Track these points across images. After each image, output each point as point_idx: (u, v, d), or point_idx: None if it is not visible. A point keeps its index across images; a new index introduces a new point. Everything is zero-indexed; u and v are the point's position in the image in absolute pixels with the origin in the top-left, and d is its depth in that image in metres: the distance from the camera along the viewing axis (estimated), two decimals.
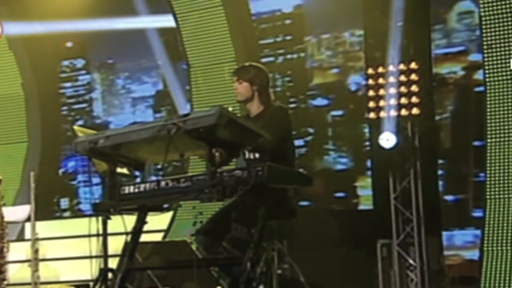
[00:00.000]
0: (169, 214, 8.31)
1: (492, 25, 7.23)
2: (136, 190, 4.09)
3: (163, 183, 3.99)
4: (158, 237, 8.03)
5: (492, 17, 7.18)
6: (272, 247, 4.47)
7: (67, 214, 10.49)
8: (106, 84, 10.64)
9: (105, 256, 4.36)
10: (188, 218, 8.24)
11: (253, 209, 3.93)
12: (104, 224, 4.32)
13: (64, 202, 10.51)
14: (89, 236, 4.26)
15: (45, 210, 10.33)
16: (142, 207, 4.13)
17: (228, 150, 3.76)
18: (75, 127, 4.70)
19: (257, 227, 3.81)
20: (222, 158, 4.40)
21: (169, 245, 6.22)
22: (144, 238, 4.33)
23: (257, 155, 4.13)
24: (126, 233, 4.19)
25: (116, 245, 4.64)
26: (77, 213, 10.23)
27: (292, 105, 9.14)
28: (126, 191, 4.14)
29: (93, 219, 4.30)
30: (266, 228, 3.90)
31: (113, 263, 4.50)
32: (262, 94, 4.68)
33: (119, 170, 4.29)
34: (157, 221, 4.61)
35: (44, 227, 8.65)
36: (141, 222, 4.22)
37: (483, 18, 7.27)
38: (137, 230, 4.24)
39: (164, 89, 9.87)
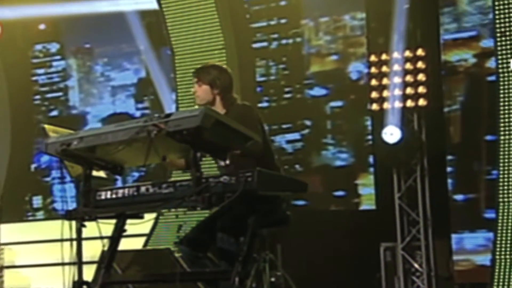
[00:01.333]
0: (152, 215, 8.31)
1: (506, 8, 7.23)
2: (114, 196, 4.10)
3: (143, 189, 3.99)
4: (139, 243, 8.01)
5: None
6: (263, 257, 4.50)
7: (40, 213, 10.46)
8: (83, 71, 10.58)
9: (79, 267, 4.35)
10: (173, 221, 8.24)
11: (241, 217, 3.94)
12: (79, 233, 4.31)
13: (37, 201, 10.49)
14: (62, 240, 4.25)
15: (16, 210, 10.34)
16: (120, 215, 4.14)
17: (215, 153, 3.80)
18: (46, 126, 4.69)
19: (246, 238, 3.84)
20: (187, 163, 4.38)
21: (151, 253, 6.22)
22: (123, 244, 4.32)
23: (227, 161, 4.11)
24: (102, 238, 4.19)
25: (92, 251, 4.63)
26: (51, 213, 10.21)
27: (288, 95, 9.14)
28: (103, 197, 4.15)
29: (66, 223, 4.27)
30: (256, 238, 3.92)
31: (89, 272, 4.51)
32: (225, 98, 4.68)
33: (95, 173, 4.31)
34: (138, 225, 4.60)
35: (14, 230, 8.67)
36: (119, 230, 4.21)
37: (496, 1, 7.25)
38: (115, 239, 4.23)
39: (147, 76, 9.86)
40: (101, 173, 4.43)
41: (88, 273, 4.62)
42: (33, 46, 10.79)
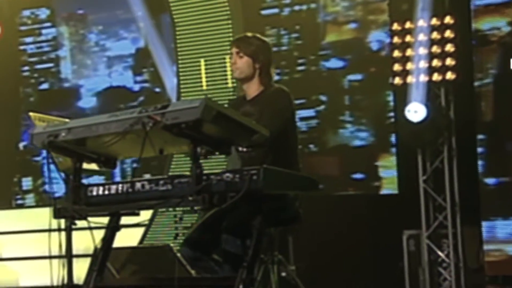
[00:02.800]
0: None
1: None
2: (106, 193, 4.11)
3: (138, 185, 3.99)
4: (135, 238, 7.97)
5: None
6: (271, 259, 4.49)
7: (30, 196, 10.47)
8: (75, 39, 10.51)
9: (69, 269, 4.35)
10: (172, 211, 8.23)
11: (247, 217, 3.94)
12: (68, 233, 4.29)
13: (27, 182, 10.49)
14: (50, 231, 4.25)
15: (4, 192, 10.35)
16: (113, 214, 4.16)
17: (216, 147, 3.76)
18: (31, 114, 4.69)
19: (252, 241, 3.81)
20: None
21: (148, 251, 6.22)
22: (117, 238, 4.33)
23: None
24: (92, 229, 4.18)
25: (86, 242, 4.61)
26: (42, 196, 10.22)
27: (301, 68, 9.08)
28: (94, 193, 4.17)
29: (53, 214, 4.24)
30: (263, 239, 3.91)
31: (82, 266, 4.48)
32: (264, 74, 4.67)
33: (87, 166, 4.32)
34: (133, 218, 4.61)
35: (1, 217, 8.68)
36: (111, 229, 4.23)
37: None
38: (108, 239, 4.25)
39: (147, 46, 9.81)
40: (93, 166, 4.40)
41: (81, 267, 4.66)
42: (20, 11, 10.70)
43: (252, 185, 3.60)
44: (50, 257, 4.35)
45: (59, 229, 4.33)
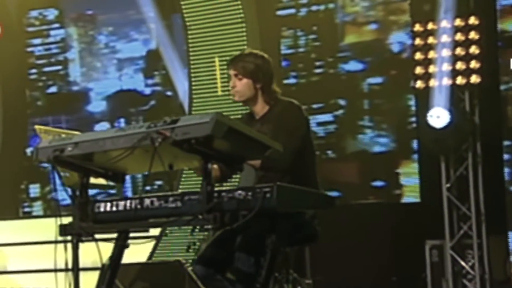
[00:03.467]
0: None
1: None
2: (114, 209, 4.07)
3: (147, 201, 3.95)
4: (144, 252, 7.90)
5: None
6: (286, 277, 4.47)
7: (38, 204, 10.49)
8: (84, 41, 10.52)
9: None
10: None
11: (261, 235, 3.90)
12: (75, 251, 4.23)
13: (34, 189, 10.51)
14: (55, 242, 4.20)
15: (10, 200, 10.37)
16: (121, 232, 4.12)
17: (228, 164, 3.77)
18: (37, 127, 4.70)
19: (266, 261, 3.78)
20: (222, 172, 4.40)
21: (159, 267, 6.20)
22: (126, 255, 4.28)
23: None
24: (98, 240, 4.14)
25: (94, 256, 4.61)
26: (50, 203, 10.24)
27: (319, 70, 9.05)
28: (102, 209, 4.13)
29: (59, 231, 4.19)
30: (277, 259, 3.89)
31: (89, 279, 4.45)
32: (266, 92, 4.63)
33: (94, 181, 4.30)
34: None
35: (7, 228, 8.68)
36: (120, 247, 4.18)
37: None
38: (116, 257, 4.20)
39: (158, 48, 9.80)
40: (101, 180, 4.39)
41: (89, 281, 4.64)
42: (28, 12, 10.72)
43: (265, 203, 3.57)
44: (56, 271, 4.32)
45: (65, 241, 4.26)
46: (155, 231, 4.81)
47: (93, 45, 10.45)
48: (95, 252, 4.26)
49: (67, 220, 4.15)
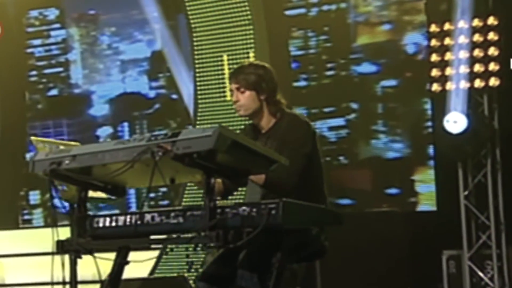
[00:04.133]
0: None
1: None
2: (114, 224, 4.10)
3: (148, 217, 3.97)
4: (145, 267, 7.90)
5: None
6: None
7: (38, 211, 10.48)
8: (86, 42, 10.50)
9: None
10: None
11: (265, 252, 3.90)
12: (73, 267, 4.23)
13: (34, 196, 10.49)
14: (52, 254, 4.22)
15: (9, 208, 10.37)
16: (121, 248, 4.17)
17: (232, 178, 3.78)
18: (33, 138, 4.68)
19: (271, 280, 3.78)
20: (225, 186, 4.39)
21: (161, 282, 6.18)
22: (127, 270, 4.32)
23: None
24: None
25: (93, 269, 4.60)
26: (50, 211, 10.23)
27: (330, 73, 9.01)
28: (101, 225, 4.15)
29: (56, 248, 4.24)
30: (283, 277, 3.88)
31: None
32: (272, 104, 4.62)
33: (93, 194, 4.32)
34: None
35: (6, 237, 8.68)
36: (119, 264, 4.21)
37: None
38: (116, 274, 4.23)
39: (163, 49, 9.82)
40: (100, 193, 4.39)
41: None
42: (28, 12, 10.72)
43: (271, 220, 3.58)
44: (53, 283, 4.33)
45: (63, 253, 4.25)
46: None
47: (95, 46, 10.44)
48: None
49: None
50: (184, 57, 9.43)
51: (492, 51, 7.81)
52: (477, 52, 7.84)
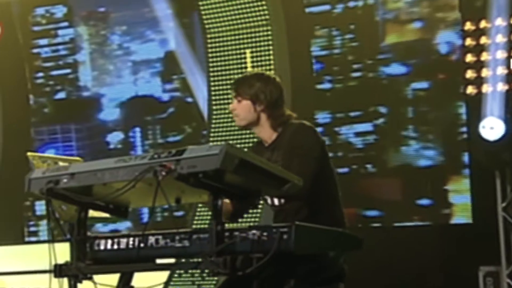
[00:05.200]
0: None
1: None
2: (115, 247, 4.12)
3: (152, 239, 3.99)
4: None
5: None
6: None
7: (44, 222, 10.48)
8: (96, 41, 10.52)
9: None
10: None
11: (278, 278, 3.95)
12: None
13: (41, 206, 10.47)
14: (50, 272, 4.28)
15: (14, 218, 10.38)
16: (123, 274, 4.17)
17: (242, 200, 3.77)
18: (29, 154, 4.71)
19: None
20: (234, 208, 4.35)
21: None
22: None
23: (282, 200, 4.04)
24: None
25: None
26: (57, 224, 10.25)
27: (356, 74, 8.95)
28: (102, 247, 4.18)
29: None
30: None
31: None
32: (272, 116, 4.69)
33: (95, 214, 4.33)
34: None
35: (10, 253, 8.68)
36: None
37: None
38: None
39: (178, 49, 9.82)
40: (102, 213, 4.39)
41: None
42: (34, 9, 10.76)
43: (282, 245, 3.56)
44: None
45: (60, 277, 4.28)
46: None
47: (105, 46, 10.45)
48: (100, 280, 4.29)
49: None
50: (198, 58, 9.46)
51: None
52: None
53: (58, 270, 4.17)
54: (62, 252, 4.37)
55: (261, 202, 4.59)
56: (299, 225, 3.61)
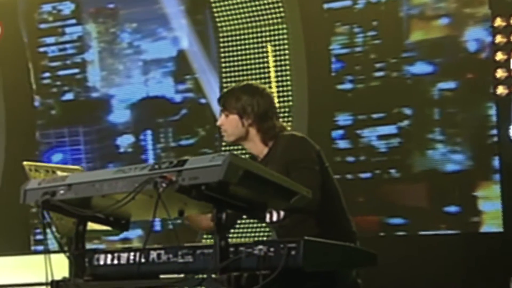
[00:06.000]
0: None
1: None
2: (115, 262, 4.12)
3: (153, 254, 3.97)
4: None
5: None
6: None
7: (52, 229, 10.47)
8: (105, 39, 10.52)
9: None
10: None
11: None
12: None
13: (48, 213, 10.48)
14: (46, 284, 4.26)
15: (19, 226, 10.36)
16: None
17: (248, 213, 3.79)
18: (25, 164, 4.77)
19: None
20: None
21: None
22: None
23: (281, 216, 4.09)
24: None
25: None
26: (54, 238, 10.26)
27: (379, 74, 8.89)
28: (102, 262, 4.17)
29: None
30: None
31: None
32: (262, 129, 4.77)
33: (95, 226, 4.33)
34: None
35: (16, 265, 8.60)
36: None
37: None
38: None
39: (191, 48, 9.82)
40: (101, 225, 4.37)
41: None
42: (40, 6, 10.79)
43: (290, 262, 3.54)
44: None
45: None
46: None
47: (115, 44, 10.44)
48: None
49: None
50: (211, 58, 9.48)
51: None
52: None
53: (55, 287, 4.16)
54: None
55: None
56: (308, 240, 3.58)
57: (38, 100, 10.80)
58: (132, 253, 4.05)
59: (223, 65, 9.16)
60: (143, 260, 3.97)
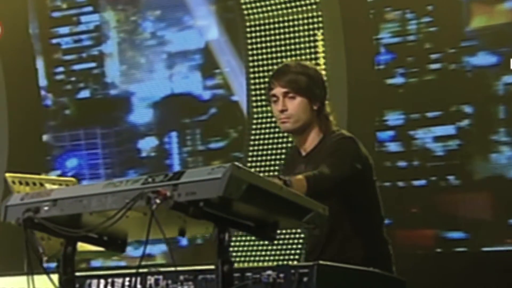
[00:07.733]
0: None
1: None
2: None
3: (151, 280, 3.93)
4: None
5: None
6: None
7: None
8: (125, 29, 10.60)
9: None
10: None
11: None
12: None
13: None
14: None
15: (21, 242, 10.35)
16: None
17: (255, 233, 3.63)
18: (8, 175, 4.55)
19: None
20: None
21: None
22: None
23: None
24: None
25: None
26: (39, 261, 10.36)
27: (435, 66, 8.78)
28: None
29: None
30: None
31: None
32: (323, 115, 4.74)
33: (88, 247, 4.22)
34: None
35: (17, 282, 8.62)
36: None
37: None
38: None
39: (220, 38, 9.89)
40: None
41: None
42: None
43: None
44: None
45: None
46: None
47: (136, 35, 10.53)
48: None
49: None
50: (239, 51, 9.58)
51: None
52: None
53: None
54: None
55: None
56: (321, 264, 3.52)
57: (50, 98, 10.91)
58: (127, 278, 3.98)
59: (250, 58, 9.19)
60: (139, 286, 3.94)
